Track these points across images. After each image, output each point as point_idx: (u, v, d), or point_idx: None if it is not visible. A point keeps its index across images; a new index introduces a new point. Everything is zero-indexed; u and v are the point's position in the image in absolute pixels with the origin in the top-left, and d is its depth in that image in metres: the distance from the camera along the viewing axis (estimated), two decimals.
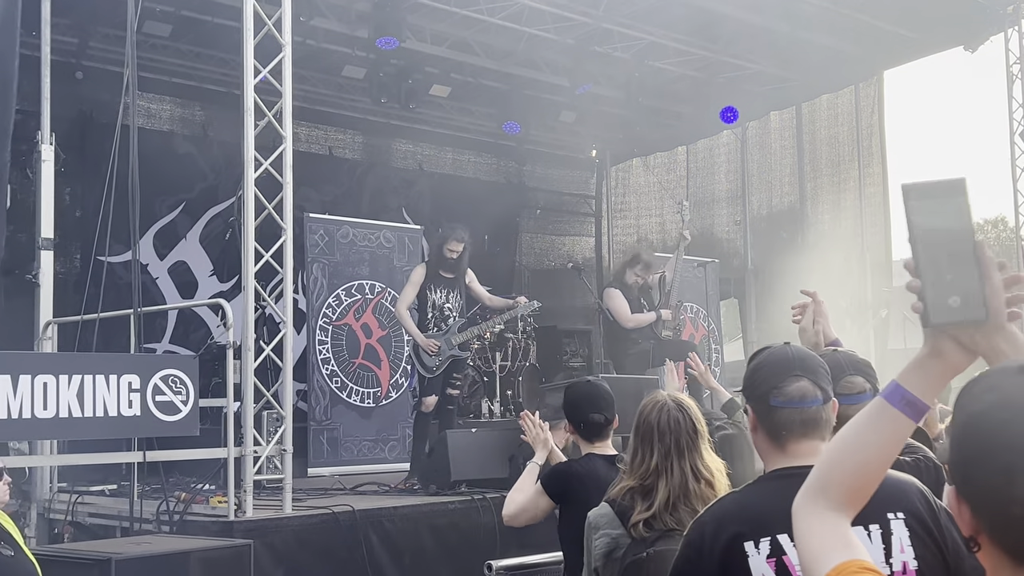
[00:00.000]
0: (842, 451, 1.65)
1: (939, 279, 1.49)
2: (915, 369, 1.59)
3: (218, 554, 5.53)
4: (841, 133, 13.83)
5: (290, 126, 7.11)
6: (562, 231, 16.32)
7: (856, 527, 2.20)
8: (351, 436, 10.51)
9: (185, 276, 11.91)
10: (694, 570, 2.35)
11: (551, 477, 4.44)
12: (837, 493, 1.63)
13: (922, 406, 1.59)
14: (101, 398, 5.90)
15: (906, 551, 2.24)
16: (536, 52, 12.11)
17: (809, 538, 1.63)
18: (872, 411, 1.61)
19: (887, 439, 1.61)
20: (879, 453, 1.62)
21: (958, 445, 1.38)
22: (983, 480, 1.33)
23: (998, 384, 1.36)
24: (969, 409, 1.37)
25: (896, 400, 1.59)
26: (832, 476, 1.64)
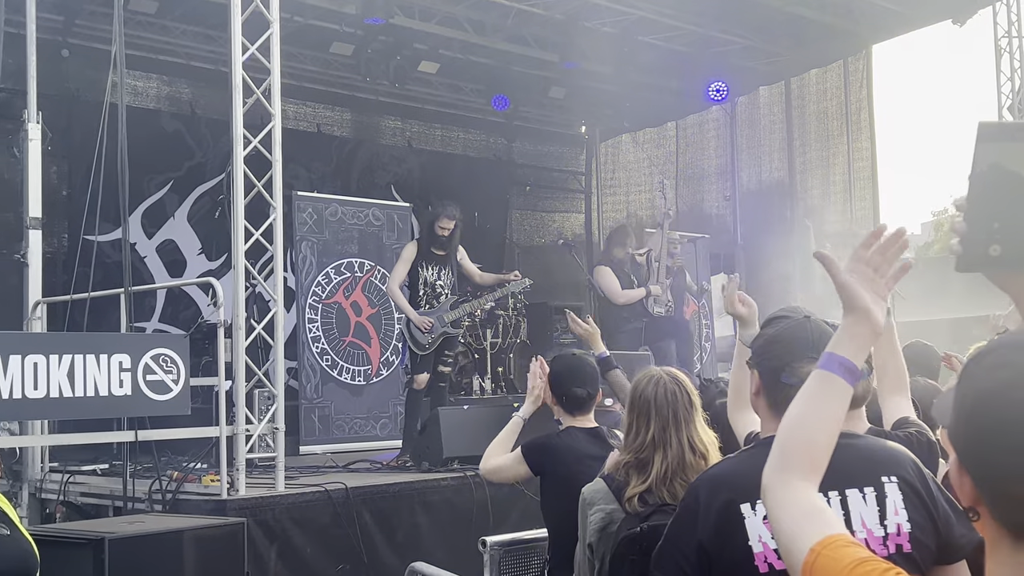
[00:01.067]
0: (796, 424, 1.74)
1: (985, 226, 1.49)
2: (843, 336, 1.75)
3: (212, 532, 5.53)
4: (830, 107, 13.82)
5: (279, 103, 7.07)
6: (552, 208, 16.30)
7: (851, 489, 2.26)
8: (342, 414, 10.52)
9: (173, 255, 11.87)
10: (687, 532, 2.36)
11: (532, 450, 4.46)
12: (800, 463, 1.70)
13: (855, 369, 1.73)
14: (92, 378, 5.88)
15: (900, 513, 2.27)
16: (525, 27, 12.06)
17: (784, 514, 1.66)
18: (813, 382, 1.74)
19: (832, 405, 1.73)
20: (827, 419, 1.73)
21: (966, 420, 1.37)
22: (991, 458, 1.34)
23: (1011, 361, 1.35)
24: (980, 384, 1.37)
25: (834, 367, 1.73)
26: (793, 449, 1.72)
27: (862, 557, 1.50)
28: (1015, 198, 1.48)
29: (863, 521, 2.26)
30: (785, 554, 1.63)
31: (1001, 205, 1.48)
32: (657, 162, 15.88)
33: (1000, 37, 11.88)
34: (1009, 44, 11.85)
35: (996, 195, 1.49)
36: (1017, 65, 11.79)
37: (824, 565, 1.52)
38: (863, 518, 2.26)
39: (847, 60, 13.41)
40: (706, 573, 2.31)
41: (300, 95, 12.99)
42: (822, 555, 1.53)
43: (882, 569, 1.47)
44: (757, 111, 14.65)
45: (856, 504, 2.27)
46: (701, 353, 12.55)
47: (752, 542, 2.25)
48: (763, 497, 1.71)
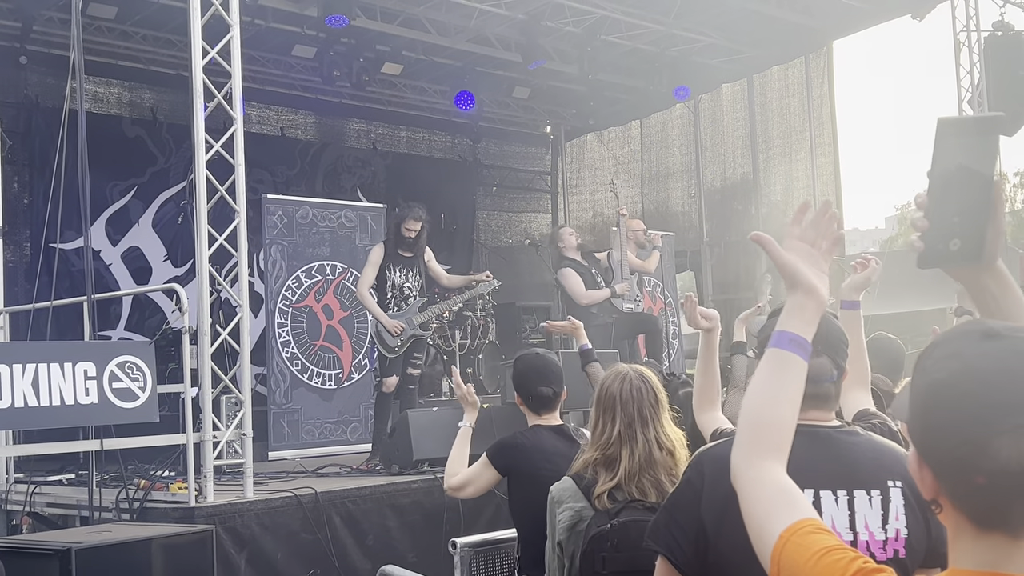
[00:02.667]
0: (758, 403, 1.74)
1: (945, 220, 1.51)
2: (791, 312, 1.77)
3: (180, 540, 5.49)
4: (792, 104, 13.93)
5: (240, 107, 7.03)
6: (519, 208, 16.33)
7: (859, 491, 2.27)
8: (312, 419, 10.46)
9: (139, 262, 11.79)
10: (689, 508, 2.34)
11: (497, 451, 4.46)
12: (767, 441, 1.70)
13: (806, 343, 1.76)
14: (57, 387, 5.82)
15: (900, 519, 2.28)
16: (488, 28, 12.06)
17: (754, 498, 1.66)
18: (767, 362, 1.76)
19: (789, 382, 1.74)
20: (788, 396, 1.74)
21: (921, 412, 1.39)
22: (946, 450, 1.35)
23: (961, 351, 1.37)
24: (932, 376, 1.38)
25: (784, 343, 1.75)
26: (758, 427, 1.72)
27: (830, 545, 1.50)
28: (974, 192, 1.51)
29: (867, 523, 2.27)
30: (755, 539, 1.62)
31: (961, 200, 1.51)
32: (622, 161, 15.94)
33: (959, 31, 12.00)
34: (968, 38, 11.98)
35: (956, 191, 1.51)
36: (976, 58, 11.92)
37: (792, 552, 1.52)
38: (867, 520, 2.27)
39: (808, 56, 13.51)
40: (701, 553, 2.30)
41: (263, 98, 12.94)
42: (790, 542, 1.53)
43: (849, 558, 1.47)
44: (720, 109, 14.73)
45: (862, 506, 2.28)
46: (668, 350, 12.59)
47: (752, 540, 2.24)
48: (734, 479, 1.71)
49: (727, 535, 2.26)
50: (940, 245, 1.52)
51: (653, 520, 2.44)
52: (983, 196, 1.50)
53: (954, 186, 1.51)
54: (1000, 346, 1.34)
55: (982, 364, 1.33)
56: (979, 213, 1.51)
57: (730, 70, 13.81)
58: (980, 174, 1.50)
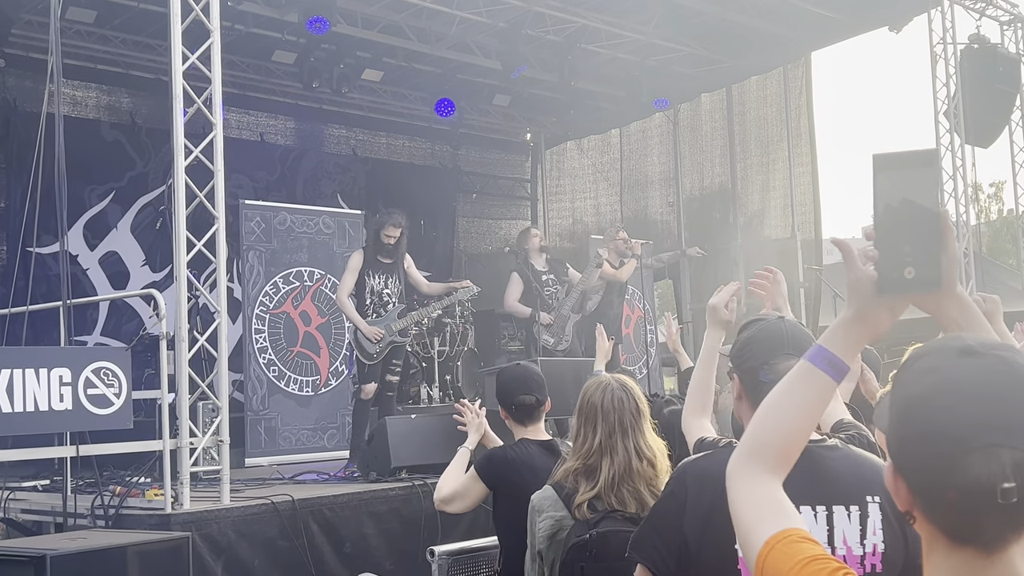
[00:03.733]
0: (771, 415, 1.69)
1: (897, 250, 1.53)
2: (838, 331, 1.65)
3: (156, 547, 5.46)
4: (770, 114, 14.00)
5: (220, 112, 7.01)
6: (499, 215, 16.32)
7: (838, 506, 2.28)
8: (289, 425, 10.44)
9: (116, 267, 11.72)
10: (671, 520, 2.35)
11: (485, 464, 4.44)
12: (770, 455, 1.67)
13: (843, 366, 1.65)
14: (31, 393, 5.78)
15: (877, 534, 2.29)
16: (468, 35, 12.08)
17: (744, 504, 1.65)
18: (797, 374, 1.67)
19: (812, 400, 1.67)
20: (805, 414, 1.68)
21: (897, 425, 1.39)
22: (920, 463, 1.36)
23: (939, 366, 1.37)
24: (909, 389, 1.39)
25: (820, 361, 1.65)
26: (764, 439, 1.68)
27: (814, 555, 1.51)
28: (918, 220, 1.52)
29: (845, 538, 2.28)
30: (742, 544, 1.63)
31: (908, 229, 1.53)
32: (602, 169, 15.98)
33: (935, 43, 12.10)
34: (944, 50, 12.08)
35: (901, 223, 1.53)
36: (952, 71, 12.01)
37: (776, 560, 1.52)
38: (845, 535, 2.28)
39: (787, 67, 13.59)
40: (683, 566, 2.31)
41: (242, 104, 12.90)
42: (775, 549, 1.53)
43: (832, 568, 1.47)
44: (699, 118, 14.80)
45: (841, 521, 2.29)
46: (647, 359, 12.62)
47: (739, 546, 2.25)
48: (728, 482, 1.70)
49: (708, 549, 2.27)
50: (894, 274, 1.53)
51: (636, 531, 2.45)
52: (931, 227, 1.52)
53: (899, 219, 1.53)
54: (977, 363, 1.35)
55: (958, 380, 1.34)
56: (929, 243, 1.52)
57: (709, 80, 13.88)
58: (923, 206, 1.52)
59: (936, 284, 1.54)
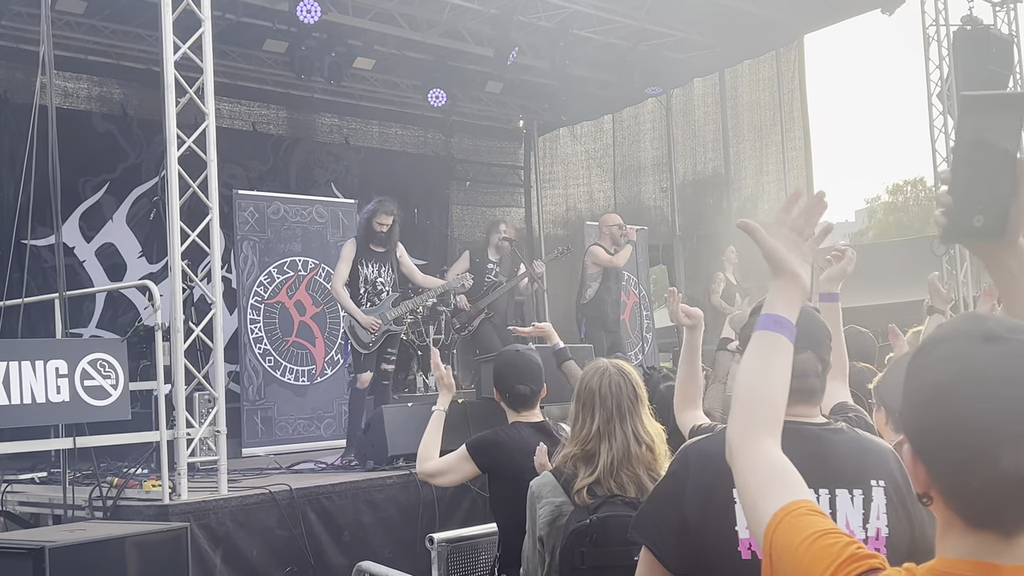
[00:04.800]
0: (751, 383, 1.80)
1: (972, 196, 1.51)
2: (774, 296, 1.84)
3: (154, 538, 5.46)
4: (763, 98, 13.99)
5: (212, 102, 6.99)
6: (492, 202, 16.32)
7: (841, 489, 2.29)
8: (286, 415, 10.43)
9: (113, 258, 11.71)
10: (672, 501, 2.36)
11: (479, 447, 4.45)
12: (762, 419, 1.74)
13: (789, 324, 1.82)
14: (28, 385, 5.77)
15: (881, 518, 2.30)
16: (460, 22, 12.04)
17: (750, 474, 1.68)
18: (756, 343, 1.83)
19: (779, 360, 1.80)
20: (778, 374, 1.80)
21: (919, 413, 1.39)
22: (944, 452, 1.35)
23: (963, 354, 1.36)
24: (932, 377, 1.37)
25: (769, 325, 1.81)
26: (752, 406, 1.76)
27: (824, 529, 1.51)
28: (998, 169, 1.50)
29: (847, 522, 2.28)
30: (749, 514, 1.64)
31: (984, 176, 1.50)
32: (595, 155, 15.97)
33: (928, 25, 12.10)
34: (937, 32, 12.07)
35: (979, 167, 1.51)
36: (945, 52, 12.01)
37: (784, 532, 1.52)
38: (848, 519, 2.28)
39: (779, 51, 13.59)
40: (682, 545, 2.32)
41: (234, 93, 12.86)
42: (784, 522, 1.54)
43: (844, 543, 1.48)
44: (692, 103, 14.79)
45: (844, 505, 2.29)
46: (642, 344, 12.64)
47: (739, 527, 2.25)
48: (730, 457, 1.73)
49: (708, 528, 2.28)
50: (963, 221, 1.52)
51: (638, 512, 2.46)
52: (1007, 173, 1.50)
53: (977, 162, 1.51)
54: (1002, 350, 1.33)
55: (984, 369, 1.32)
56: (1003, 190, 1.50)
57: (701, 64, 13.85)
58: (1003, 150, 1.50)
59: (1001, 234, 1.53)
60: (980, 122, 1.51)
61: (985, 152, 1.51)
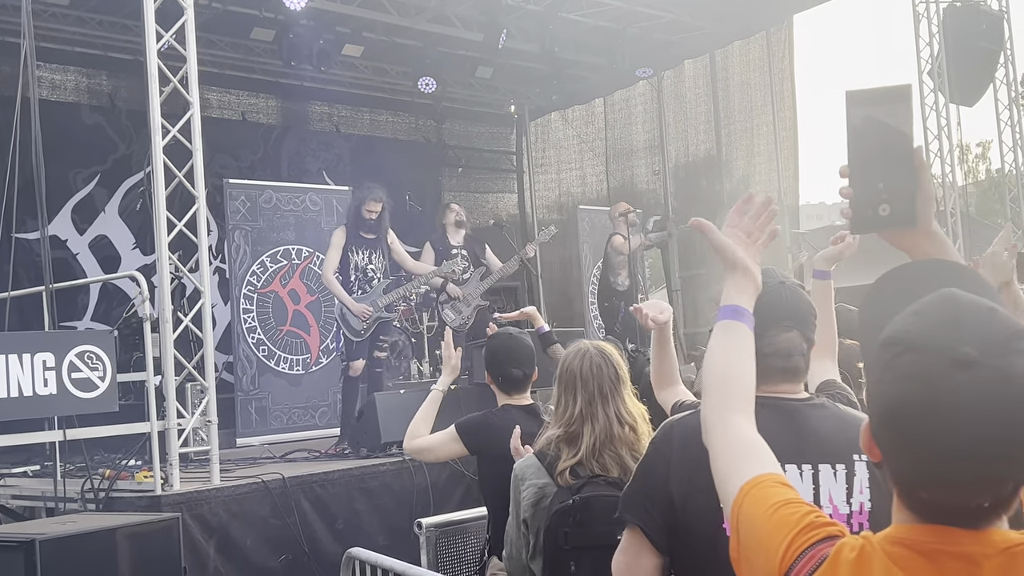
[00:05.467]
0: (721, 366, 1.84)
1: (871, 187, 1.53)
2: (729, 288, 1.91)
3: (146, 529, 5.44)
4: (753, 79, 13.96)
5: (196, 91, 6.95)
6: (485, 188, 16.30)
7: (824, 464, 2.28)
8: (280, 404, 10.43)
9: (107, 250, 11.69)
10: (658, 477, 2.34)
11: (468, 429, 4.44)
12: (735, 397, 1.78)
13: (746, 312, 1.88)
14: (15, 378, 5.75)
15: (864, 492, 2.28)
16: (448, 7, 11.98)
17: (722, 450, 1.69)
18: (717, 332, 1.89)
19: (743, 346, 1.86)
20: (746, 357, 1.85)
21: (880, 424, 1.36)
22: (895, 461, 1.36)
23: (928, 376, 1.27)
24: (893, 391, 1.32)
25: (731, 315, 1.88)
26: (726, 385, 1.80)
27: (786, 499, 1.51)
28: (892, 156, 1.51)
29: (831, 497, 2.27)
30: (720, 491, 1.64)
31: (882, 166, 1.52)
32: (587, 139, 15.93)
33: (918, 3, 12.05)
34: (927, 9, 12.03)
35: (875, 156, 1.52)
36: (935, 30, 11.97)
37: (750, 504, 1.53)
38: (831, 494, 2.27)
39: (769, 31, 13.54)
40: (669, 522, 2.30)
41: (223, 83, 12.82)
42: (750, 494, 1.54)
43: (803, 512, 1.48)
44: (683, 85, 14.74)
45: (827, 480, 2.27)
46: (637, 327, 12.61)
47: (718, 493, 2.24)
48: (706, 437, 1.74)
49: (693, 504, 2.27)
50: (869, 212, 1.54)
51: (624, 490, 2.44)
52: (905, 162, 1.51)
53: (873, 155, 1.52)
54: (971, 380, 1.25)
55: (949, 402, 1.26)
56: (904, 179, 1.52)
57: (692, 46, 13.81)
58: (898, 142, 1.51)
59: (911, 222, 1.54)
60: (870, 115, 1.53)
61: (880, 144, 1.52)
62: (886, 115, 1.51)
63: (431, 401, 4.64)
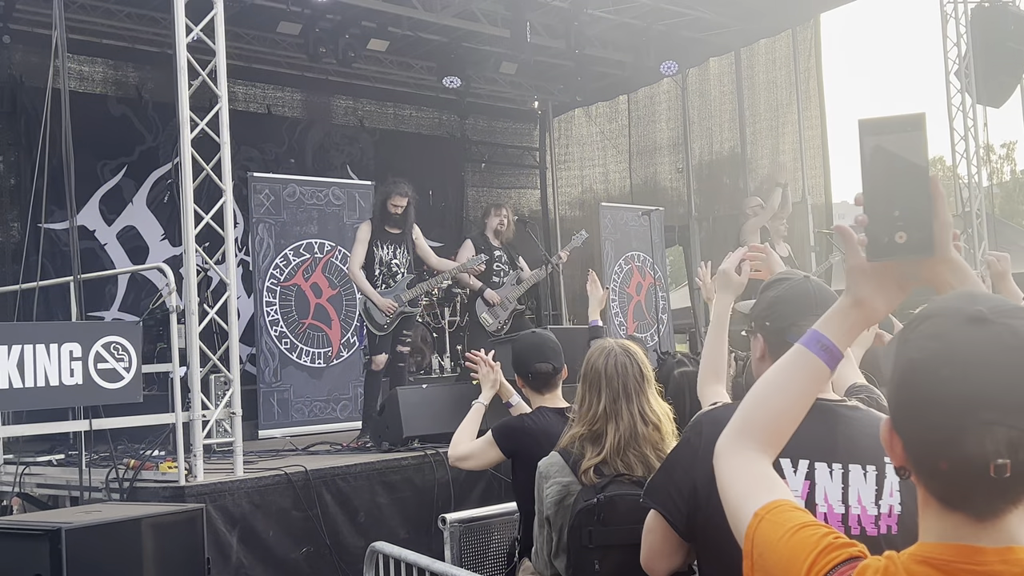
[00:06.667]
0: (764, 394, 1.68)
1: (887, 214, 1.51)
2: (835, 317, 1.64)
3: (170, 519, 5.49)
4: (779, 77, 13.90)
5: (225, 85, 6.98)
6: (508, 184, 16.30)
7: (854, 464, 2.26)
8: (302, 397, 10.47)
9: (135, 241, 11.76)
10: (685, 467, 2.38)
11: (504, 433, 4.42)
12: (760, 434, 1.65)
13: (837, 353, 1.63)
14: (42, 368, 5.80)
15: (894, 495, 2.27)
16: (474, 3, 11.99)
17: (733, 480, 1.64)
18: (791, 357, 1.66)
19: (805, 384, 1.65)
20: (798, 397, 1.65)
21: (897, 386, 1.38)
22: (915, 430, 1.35)
23: (945, 332, 1.34)
24: (911, 353, 1.36)
25: (814, 347, 1.63)
26: (755, 418, 1.67)
27: (803, 522, 1.49)
28: (908, 185, 1.50)
29: (860, 498, 2.26)
30: (731, 518, 1.62)
31: (897, 193, 1.51)
32: (610, 136, 15.91)
33: (945, 3, 11.98)
34: (955, 10, 11.95)
35: (890, 187, 1.51)
36: (963, 30, 11.90)
37: (766, 529, 1.51)
38: (860, 495, 2.26)
39: (795, 29, 13.48)
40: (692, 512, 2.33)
41: (249, 76, 12.87)
42: (765, 519, 1.52)
43: (821, 533, 1.46)
44: (707, 83, 14.70)
45: (856, 480, 2.27)
46: (658, 326, 12.62)
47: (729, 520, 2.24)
48: (715, 460, 1.69)
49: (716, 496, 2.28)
50: (885, 239, 1.52)
51: (651, 478, 2.46)
52: (921, 190, 1.50)
53: (888, 182, 1.51)
54: (984, 333, 1.31)
55: (963, 352, 1.31)
56: (920, 207, 1.50)
57: (717, 44, 13.77)
58: (912, 170, 1.50)
59: (928, 250, 1.52)
60: (883, 144, 1.51)
61: (894, 172, 1.51)
62: (900, 143, 1.51)
63: (473, 414, 4.65)
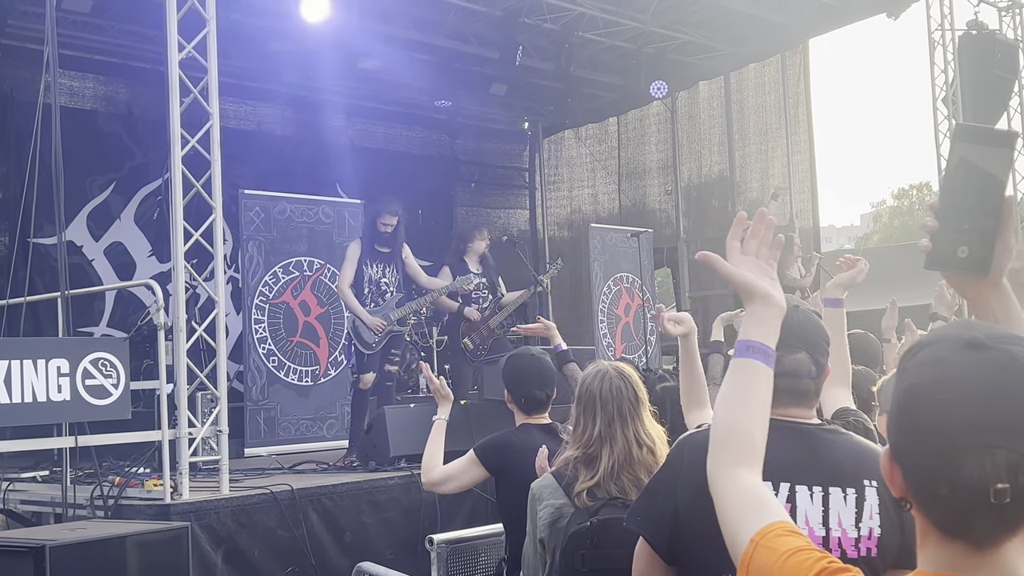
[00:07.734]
0: (729, 415, 1.77)
1: (956, 226, 1.51)
2: (750, 321, 1.79)
3: (155, 537, 5.46)
4: (768, 101, 13.98)
5: (216, 102, 6.99)
6: (497, 204, 16.33)
7: (835, 488, 2.28)
8: (288, 415, 10.42)
9: (122, 257, 11.72)
10: (666, 490, 2.38)
11: (489, 449, 4.40)
12: (735, 448, 1.72)
13: (768, 350, 1.78)
14: (29, 383, 5.77)
15: (874, 518, 2.29)
16: (465, 24, 12.05)
17: (728, 504, 1.67)
18: (732, 371, 1.79)
19: (752, 388, 1.76)
20: (757, 404, 1.75)
21: (897, 412, 1.38)
22: (915, 456, 1.35)
23: (943, 358, 1.34)
24: (911, 379, 1.36)
25: (744, 352, 1.77)
26: (724, 435, 1.74)
27: (797, 547, 1.50)
28: (984, 200, 1.50)
29: (840, 520, 2.28)
30: (729, 544, 1.63)
31: (970, 206, 1.50)
32: (600, 157, 15.97)
33: (933, 30, 12.10)
34: (942, 37, 12.07)
35: (967, 195, 1.50)
36: (950, 57, 12.01)
37: (761, 555, 1.52)
38: (840, 517, 2.28)
39: (784, 54, 13.58)
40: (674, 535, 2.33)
41: (239, 93, 12.86)
42: (760, 545, 1.53)
43: (815, 558, 1.47)
44: (697, 106, 14.78)
45: (837, 503, 2.29)
46: (646, 347, 12.63)
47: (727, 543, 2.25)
48: (710, 487, 1.72)
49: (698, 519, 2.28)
50: (947, 249, 1.51)
51: (634, 502, 2.47)
52: (994, 207, 1.50)
53: (965, 194, 1.50)
54: (981, 358, 1.31)
55: (961, 376, 1.31)
56: (989, 224, 1.50)
57: (707, 67, 13.86)
58: (992, 185, 1.50)
59: (985, 270, 1.52)
60: (971, 153, 1.51)
61: (975, 184, 1.50)
62: (986, 157, 1.50)
63: (436, 432, 4.62)
